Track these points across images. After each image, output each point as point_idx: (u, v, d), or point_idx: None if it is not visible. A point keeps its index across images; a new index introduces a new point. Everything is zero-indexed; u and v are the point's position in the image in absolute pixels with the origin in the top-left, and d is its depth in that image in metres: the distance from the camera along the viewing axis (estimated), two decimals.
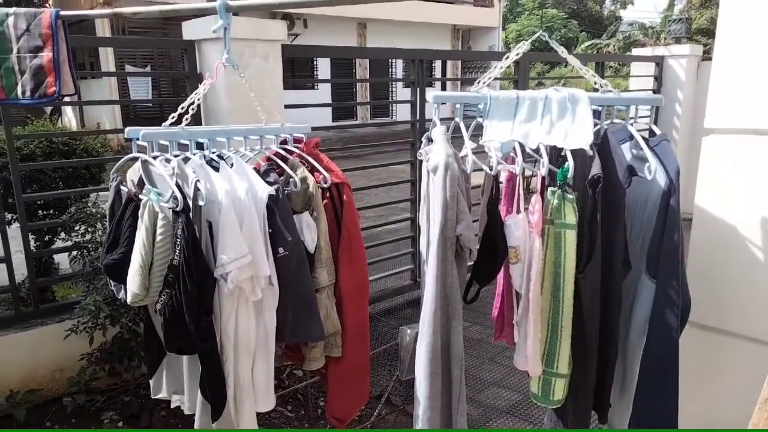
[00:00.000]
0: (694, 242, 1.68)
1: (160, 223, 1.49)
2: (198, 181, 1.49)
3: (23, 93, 1.74)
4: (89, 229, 2.87)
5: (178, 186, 1.47)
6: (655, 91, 5.94)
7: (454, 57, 19.30)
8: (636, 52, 6.75)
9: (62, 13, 1.71)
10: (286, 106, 3.19)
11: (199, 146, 1.75)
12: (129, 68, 12.46)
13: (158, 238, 1.49)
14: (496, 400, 2.90)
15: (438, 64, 17.84)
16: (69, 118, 12.34)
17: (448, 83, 16.85)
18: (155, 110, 11.73)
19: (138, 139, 1.64)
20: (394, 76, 16.65)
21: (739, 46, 1.51)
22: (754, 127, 1.51)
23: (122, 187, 1.68)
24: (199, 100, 1.77)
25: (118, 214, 1.62)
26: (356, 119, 16.47)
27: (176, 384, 1.77)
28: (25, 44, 1.71)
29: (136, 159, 1.65)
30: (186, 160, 1.65)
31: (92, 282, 2.68)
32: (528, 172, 1.56)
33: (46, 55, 1.71)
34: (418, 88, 3.79)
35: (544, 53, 4.65)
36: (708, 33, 16.42)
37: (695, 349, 1.67)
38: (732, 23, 1.51)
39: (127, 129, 1.65)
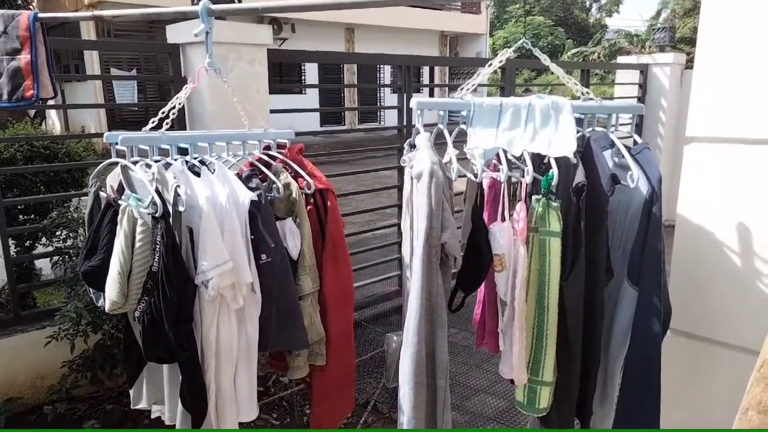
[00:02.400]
0: (677, 250, 1.68)
1: (139, 229, 1.47)
2: (178, 186, 1.47)
3: (0, 96, 1.71)
4: (71, 235, 2.83)
5: (157, 191, 1.44)
6: (639, 99, 6.00)
7: (440, 63, 19.41)
8: (621, 59, 6.84)
9: (40, 15, 1.68)
10: (273, 111, 3.17)
11: (183, 151, 1.73)
12: (114, 71, 12.35)
13: (137, 244, 1.47)
14: (482, 407, 2.89)
15: (426, 70, 17.94)
16: (53, 121, 12.19)
17: (436, 89, 16.91)
18: (141, 114, 11.63)
19: (117, 143, 1.62)
20: (382, 81, 16.69)
21: (719, 54, 1.52)
22: (736, 135, 1.52)
23: (101, 193, 1.65)
24: (180, 104, 1.75)
25: (96, 220, 1.60)
26: (344, 124, 16.47)
27: (156, 394, 1.74)
28: (2, 46, 1.68)
29: (116, 164, 1.62)
30: (167, 165, 1.63)
31: (74, 288, 2.63)
32: (513, 180, 1.56)
33: (24, 57, 1.69)
34: (405, 94, 3.79)
35: (530, 60, 4.67)
36: (692, 42, 16.66)
37: (679, 356, 1.67)
38: (713, 32, 1.53)
39: (106, 134, 1.63)
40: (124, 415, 2.63)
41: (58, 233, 2.91)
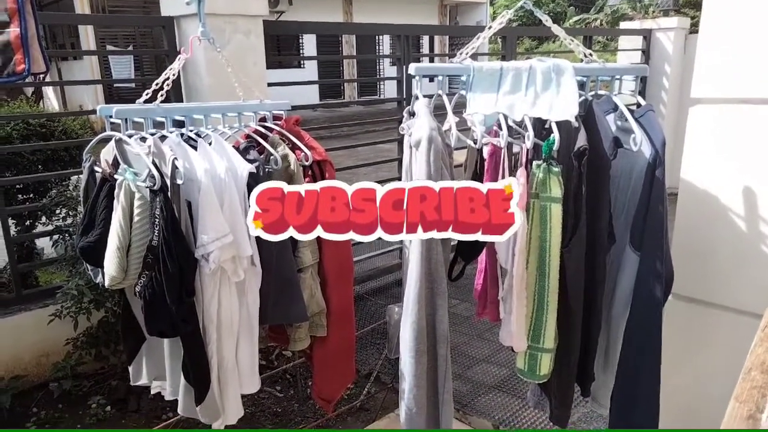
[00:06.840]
0: (680, 215, 1.67)
1: (137, 203, 1.45)
2: (176, 159, 1.45)
3: None
4: (70, 213, 2.82)
5: (155, 164, 1.42)
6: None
7: (440, 32, 19.06)
8: (624, 25, 6.70)
9: None
10: (271, 84, 3.13)
11: (178, 124, 1.70)
12: (110, 48, 12.21)
13: (136, 218, 1.45)
14: (484, 376, 2.91)
15: (426, 40, 17.65)
16: (51, 101, 12.09)
17: (436, 59, 16.66)
18: (138, 90, 11.48)
19: (111, 116, 1.59)
20: (381, 53, 16.45)
21: (727, 11, 1.48)
22: (741, 96, 1.48)
23: (96, 168, 1.63)
24: (174, 75, 1.72)
25: (92, 196, 1.58)
26: (344, 98, 16.30)
27: (157, 370, 1.74)
28: None
29: (110, 138, 1.60)
30: (163, 138, 1.60)
31: (75, 266, 2.64)
32: (515, 147, 1.53)
33: (13, 30, 1.65)
34: (404, 65, 3.72)
35: (531, 28, 4.60)
36: (696, 5, 16.34)
37: (680, 321, 1.67)
38: None
39: (99, 106, 1.60)
40: (130, 390, 2.65)
41: (57, 212, 2.90)
